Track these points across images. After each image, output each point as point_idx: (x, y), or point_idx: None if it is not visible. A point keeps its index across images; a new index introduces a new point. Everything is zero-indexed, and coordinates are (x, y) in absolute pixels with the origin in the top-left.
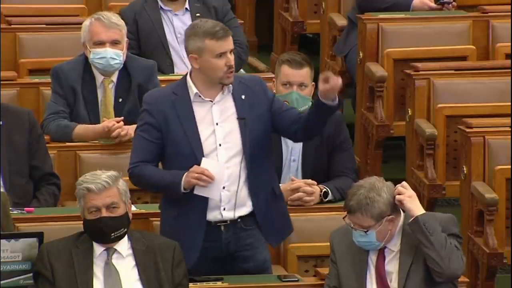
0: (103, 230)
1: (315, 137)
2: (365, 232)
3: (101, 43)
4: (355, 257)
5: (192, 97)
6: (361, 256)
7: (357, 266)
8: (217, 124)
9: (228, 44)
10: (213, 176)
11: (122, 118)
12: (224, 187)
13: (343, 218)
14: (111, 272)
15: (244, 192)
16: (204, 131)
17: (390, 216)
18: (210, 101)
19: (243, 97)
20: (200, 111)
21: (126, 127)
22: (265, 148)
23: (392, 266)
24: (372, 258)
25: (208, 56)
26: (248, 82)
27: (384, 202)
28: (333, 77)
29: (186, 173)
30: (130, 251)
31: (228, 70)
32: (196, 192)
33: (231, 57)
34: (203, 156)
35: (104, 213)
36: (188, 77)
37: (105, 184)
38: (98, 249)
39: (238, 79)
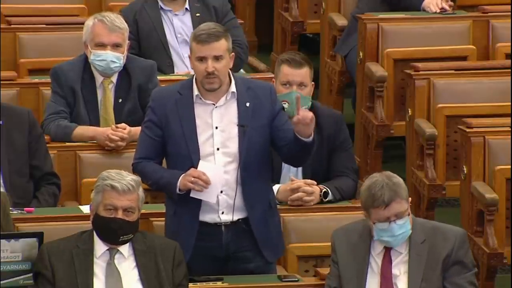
0: (115, 231)
1: (299, 165)
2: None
3: (102, 45)
4: (357, 257)
5: (194, 98)
6: (363, 256)
7: (358, 266)
8: (216, 128)
9: (211, 49)
10: (209, 181)
11: (125, 125)
12: (222, 191)
13: (373, 223)
14: (112, 273)
15: (240, 199)
16: (202, 133)
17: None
18: (212, 104)
19: (247, 104)
20: (201, 114)
21: (129, 128)
22: (263, 158)
23: (397, 270)
24: (377, 260)
25: (193, 58)
26: (257, 90)
27: (402, 181)
28: (304, 112)
29: (183, 175)
30: (131, 252)
31: (206, 76)
32: (192, 195)
33: (214, 64)
34: (199, 158)
35: (120, 215)
36: (194, 78)
37: (130, 187)
38: (99, 249)
39: (248, 84)
